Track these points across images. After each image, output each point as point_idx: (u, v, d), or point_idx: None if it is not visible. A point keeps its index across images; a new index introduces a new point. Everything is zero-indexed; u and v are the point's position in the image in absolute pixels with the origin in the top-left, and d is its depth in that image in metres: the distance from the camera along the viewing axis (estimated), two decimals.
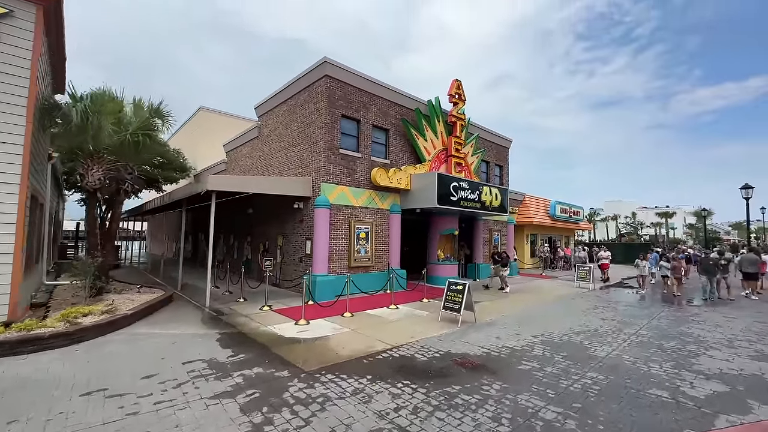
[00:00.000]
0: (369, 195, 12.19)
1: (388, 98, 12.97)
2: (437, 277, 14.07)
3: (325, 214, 10.76)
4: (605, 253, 16.70)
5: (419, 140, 13.52)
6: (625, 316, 9.21)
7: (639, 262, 14.18)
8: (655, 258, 15.74)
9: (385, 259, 12.60)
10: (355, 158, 11.85)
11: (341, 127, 11.60)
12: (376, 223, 12.33)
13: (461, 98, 14.80)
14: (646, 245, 30.69)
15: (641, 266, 13.97)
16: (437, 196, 11.93)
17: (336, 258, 11.14)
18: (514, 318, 8.83)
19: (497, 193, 14.70)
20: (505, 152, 19.42)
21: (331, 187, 11.14)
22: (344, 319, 8.27)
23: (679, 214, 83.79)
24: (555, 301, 11.30)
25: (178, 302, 9.93)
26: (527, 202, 22.73)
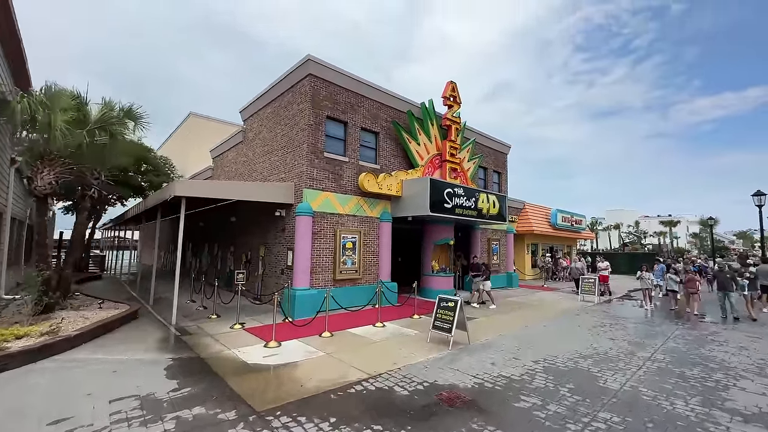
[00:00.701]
0: (357, 202, 11.37)
1: (378, 100, 12.25)
2: (431, 289, 13.18)
3: (308, 222, 9.92)
4: (603, 264, 15.53)
5: (411, 144, 12.76)
6: (637, 336, 8.28)
7: (642, 274, 12.44)
8: (662, 270, 14.79)
9: (374, 270, 11.71)
10: (341, 163, 11.07)
11: (326, 130, 10.85)
12: (364, 232, 11.49)
13: (456, 101, 14.10)
14: (650, 255, 29.75)
15: (645, 279, 12.33)
16: (430, 203, 11.11)
17: (319, 270, 10.27)
18: (513, 338, 7.91)
19: (495, 201, 13.87)
20: (503, 158, 18.66)
21: (314, 194, 10.33)
22: (322, 340, 7.37)
23: (682, 223, 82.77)
24: (558, 317, 10.37)
25: (144, 319, 9.04)
26: (527, 211, 21.90)
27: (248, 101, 13.71)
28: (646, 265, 14.69)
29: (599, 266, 15.56)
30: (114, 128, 8.10)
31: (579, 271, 15.34)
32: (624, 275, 27.37)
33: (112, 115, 8.17)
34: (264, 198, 10.02)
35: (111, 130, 8.05)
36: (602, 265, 15.51)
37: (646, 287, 12.23)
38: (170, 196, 8.41)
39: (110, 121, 8.04)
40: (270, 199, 10.12)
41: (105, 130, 7.97)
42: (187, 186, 8.48)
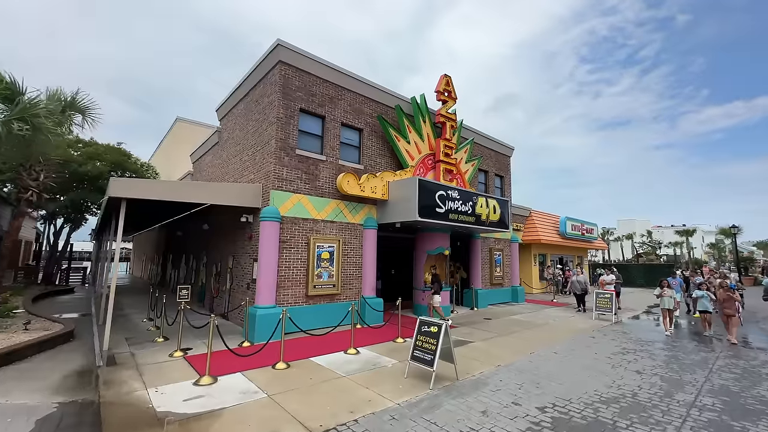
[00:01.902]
0: (336, 206, 10.00)
1: (362, 93, 10.98)
2: (425, 306, 11.63)
3: (274, 228, 8.55)
4: (608, 277, 13.57)
5: (400, 143, 11.41)
6: (670, 368, 6.65)
7: (663, 291, 10.07)
8: (680, 283, 13.01)
9: (356, 285, 10.25)
10: (317, 162, 9.75)
11: (300, 124, 9.57)
12: (344, 240, 10.07)
13: (451, 96, 12.79)
14: (668, 266, 27.73)
15: (665, 298, 9.94)
16: (419, 208, 9.68)
17: (288, 285, 8.84)
18: (514, 371, 6.34)
19: (495, 206, 12.38)
20: (506, 161, 17.20)
21: (283, 196, 8.99)
22: (272, 374, 5.90)
23: (697, 233, 79.57)
24: (569, 340, 8.74)
25: (76, 343, 7.68)
26: (534, 219, 20.29)
27: (223, 99, 12.57)
28: (668, 280, 12.99)
29: (603, 279, 13.66)
30: (38, 120, 6.87)
31: (581, 285, 13.52)
32: (641, 288, 25.43)
33: (36, 104, 6.96)
34: (225, 201, 8.70)
35: (34, 121, 6.82)
36: (607, 278, 13.62)
37: (668, 307, 9.93)
38: (107, 198, 7.14)
39: (33, 111, 6.82)
40: (232, 203, 8.79)
41: (25, 120, 6.74)
42: (124, 186, 7.19)
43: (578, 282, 13.63)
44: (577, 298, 13.70)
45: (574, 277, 13.85)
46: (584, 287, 13.46)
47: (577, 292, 13.55)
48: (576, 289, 13.59)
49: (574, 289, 13.71)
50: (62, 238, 19.05)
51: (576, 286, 13.65)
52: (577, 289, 13.58)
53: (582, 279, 13.64)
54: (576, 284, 13.67)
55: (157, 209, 10.55)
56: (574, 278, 13.81)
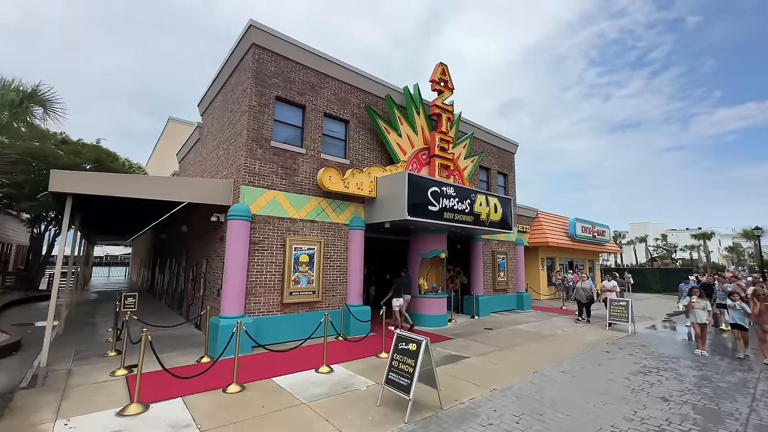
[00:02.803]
0: (317, 204, 9.06)
1: (348, 81, 10.08)
2: (420, 315, 10.60)
3: (243, 228, 7.63)
4: (609, 283, 12.26)
5: (391, 135, 10.45)
6: (703, 393, 5.50)
7: (692, 301, 8.30)
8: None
9: (340, 291, 9.26)
10: (296, 155, 8.84)
11: (276, 114, 8.69)
12: (327, 242, 9.12)
13: (448, 86, 11.81)
14: (686, 270, 26.16)
15: (696, 311, 8.18)
16: (408, 205, 8.69)
17: (259, 291, 7.90)
18: (512, 396, 5.27)
19: (497, 204, 11.31)
20: (509, 158, 16.11)
21: (255, 192, 8.08)
22: (221, 399, 4.93)
23: (714, 237, 76.77)
24: (580, 356, 7.61)
25: (17, 357, 6.83)
26: (541, 220, 19.11)
27: (203, 92, 11.80)
28: (681, 287, 11.69)
29: (604, 286, 12.26)
30: None
31: (587, 292, 11.97)
32: (657, 294, 23.95)
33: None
34: (191, 198, 7.83)
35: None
36: (608, 284, 12.24)
37: (701, 321, 8.14)
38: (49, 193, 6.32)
39: None
40: (199, 200, 7.92)
41: None
42: (68, 179, 6.36)
43: (583, 289, 12.08)
44: (580, 306, 12.22)
45: (579, 283, 12.30)
46: (590, 294, 11.97)
47: (583, 300, 12.05)
48: (581, 297, 12.07)
49: (578, 296, 12.16)
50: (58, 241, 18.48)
51: (581, 293, 12.10)
52: (582, 296, 12.04)
53: (587, 285, 12.10)
54: (581, 291, 12.11)
55: (129, 209, 9.77)
56: (579, 284, 12.27)
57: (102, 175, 7.14)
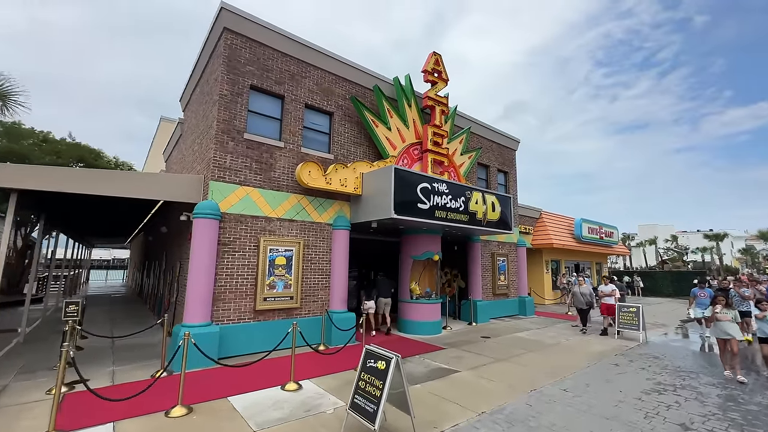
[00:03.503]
0: (297, 202, 8.36)
1: (332, 70, 9.40)
2: (411, 322, 9.85)
3: (210, 227, 6.95)
4: (607, 287, 10.72)
5: (379, 129, 9.74)
6: (731, 420, 4.67)
7: (714, 312, 6.75)
8: (710, 296, 9.60)
9: (322, 297, 8.54)
10: (273, 149, 8.16)
11: (250, 104, 8.03)
12: (307, 243, 8.41)
13: (441, 77, 11.08)
14: (699, 273, 24.99)
15: (724, 323, 6.57)
16: (394, 203, 7.95)
17: (229, 297, 7.20)
18: (504, 422, 4.48)
19: (494, 202, 10.52)
20: (510, 155, 15.29)
21: (225, 188, 7.40)
22: (159, 425, 4.23)
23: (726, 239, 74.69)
24: (585, 370, 6.78)
25: None
26: (545, 220, 18.22)
27: (183, 86, 11.21)
28: (694, 291, 10.49)
29: (601, 291, 10.84)
30: None
31: (585, 298, 10.69)
32: (669, 298, 22.86)
33: None
34: (155, 195, 7.19)
35: None
36: (606, 289, 10.74)
37: (727, 335, 6.52)
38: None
39: None
40: (165, 197, 7.27)
41: None
42: (11, 174, 5.74)
43: (581, 294, 10.79)
44: (580, 313, 10.98)
45: (576, 288, 11.00)
46: (589, 300, 10.69)
47: (582, 306, 10.75)
48: (579, 303, 10.80)
49: (576, 303, 10.94)
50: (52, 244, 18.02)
51: (579, 299, 10.81)
52: (581, 303, 10.74)
53: (586, 290, 10.79)
54: (579, 297, 10.81)
55: (100, 208, 9.19)
56: (577, 289, 10.96)
57: (50, 169, 6.52)
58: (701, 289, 10.31)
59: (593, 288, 11.91)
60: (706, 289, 10.29)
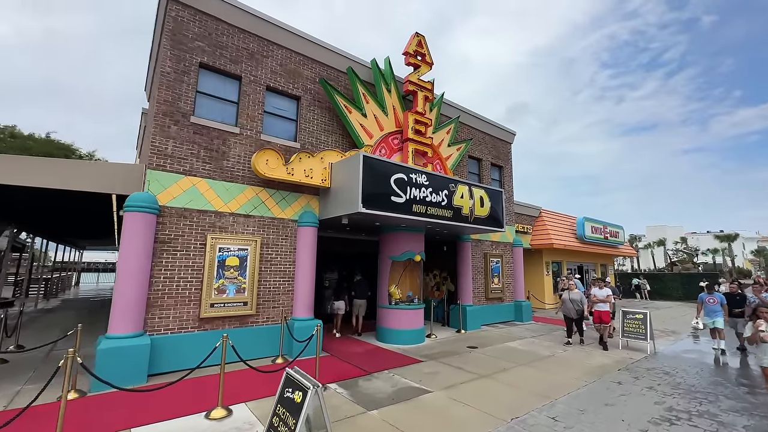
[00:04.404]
0: (254, 195, 7.42)
1: (299, 50, 8.48)
2: (389, 330, 8.85)
3: (144, 223, 6.02)
4: (601, 292, 9.11)
5: (352, 115, 8.78)
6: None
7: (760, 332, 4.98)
8: (722, 301, 8.60)
9: (284, 302, 7.57)
10: (226, 134, 7.24)
11: (200, 84, 7.12)
12: (267, 241, 7.46)
13: (425, 60, 10.10)
14: (712, 275, 23.64)
15: None
16: (362, 195, 6.97)
17: (168, 303, 6.25)
18: None
19: (483, 197, 9.50)
20: (505, 148, 14.25)
21: (166, 178, 6.49)
22: None
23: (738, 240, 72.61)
24: (581, 391, 5.72)
25: None
26: (544, 219, 17.12)
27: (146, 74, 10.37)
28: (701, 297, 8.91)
29: (594, 296, 9.16)
30: None
31: (576, 305, 9.03)
32: (679, 302, 21.57)
33: None
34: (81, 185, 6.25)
35: None
36: (600, 293, 9.10)
37: None
38: None
39: None
40: (93, 188, 6.34)
41: None
42: None
43: (571, 300, 9.10)
44: (568, 323, 9.31)
45: (566, 294, 9.31)
46: (580, 308, 9.04)
47: (571, 315, 9.08)
48: (568, 311, 9.12)
49: (565, 310, 9.26)
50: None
51: (568, 306, 9.14)
52: (570, 310, 9.06)
53: (576, 296, 9.10)
54: (568, 303, 9.14)
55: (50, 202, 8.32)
56: (566, 295, 9.29)
57: None
58: (710, 294, 8.87)
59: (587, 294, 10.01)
60: (716, 294, 8.84)
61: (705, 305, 8.81)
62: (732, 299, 8.68)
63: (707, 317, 8.69)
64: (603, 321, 8.79)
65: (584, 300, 9.04)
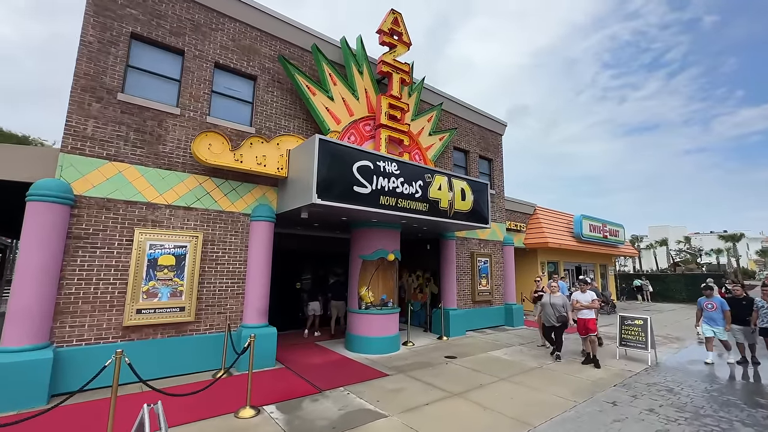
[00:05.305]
0: (198, 185, 6.51)
1: (256, 24, 7.58)
2: (359, 337, 7.95)
3: (52, 215, 5.11)
4: (585, 296, 7.50)
5: (317, 97, 7.87)
6: None
7: None
8: (721, 305, 7.48)
9: (233, 307, 6.65)
10: (163, 116, 6.33)
11: (132, 58, 6.23)
12: (212, 237, 6.55)
13: (402, 40, 9.18)
14: (716, 276, 22.63)
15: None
16: (317, 184, 6.05)
17: (84, 309, 5.34)
18: None
19: (465, 189, 8.57)
20: (495, 140, 13.31)
21: (85, 164, 5.58)
22: None
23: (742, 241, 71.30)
24: (569, 414, 4.77)
25: None
26: (539, 217, 16.15)
27: None
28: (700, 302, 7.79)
29: (576, 301, 7.53)
30: None
31: (557, 310, 7.48)
32: (682, 304, 20.57)
33: None
34: None
35: None
36: (584, 298, 7.47)
37: None
38: None
39: None
40: None
41: None
42: None
43: (552, 305, 7.54)
44: (546, 333, 7.91)
45: (546, 298, 7.75)
46: (562, 315, 7.45)
47: (551, 322, 7.54)
48: (548, 318, 7.59)
49: (544, 318, 7.71)
50: None
51: (548, 311, 7.57)
52: (551, 317, 7.52)
53: (559, 300, 7.53)
54: (549, 309, 7.55)
55: None
56: (546, 298, 7.72)
57: None
58: (708, 299, 7.66)
59: None
60: (715, 298, 7.60)
61: (704, 312, 7.70)
62: (737, 304, 7.63)
63: (705, 325, 7.59)
64: (589, 330, 7.22)
65: (568, 305, 7.62)
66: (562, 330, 7.60)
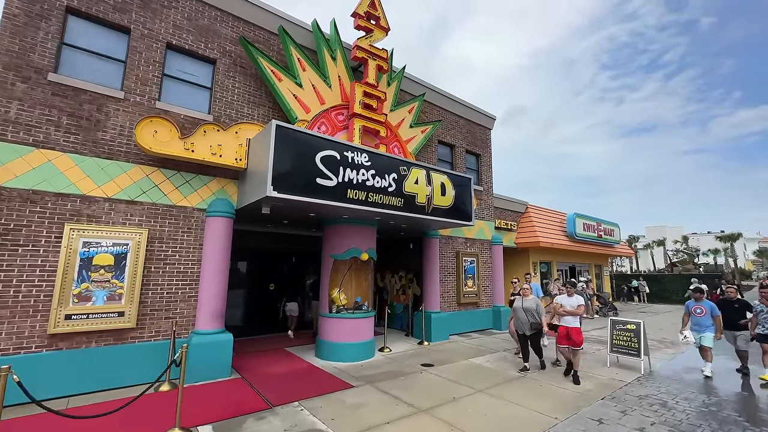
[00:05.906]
0: (144, 176, 5.89)
1: (216, 4, 6.97)
2: (329, 343, 7.34)
3: None
4: (570, 300, 6.47)
5: (282, 83, 7.25)
6: None
7: None
8: (711, 309, 6.73)
9: (184, 311, 6.03)
10: (102, 99, 5.71)
11: (68, 35, 5.62)
12: (159, 235, 5.93)
13: (380, 24, 8.58)
14: (714, 276, 22.12)
15: None
16: (274, 176, 5.44)
17: (1, 316, 4.73)
18: None
19: (445, 183, 7.98)
20: (484, 134, 12.72)
21: (6, 150, 4.95)
22: None
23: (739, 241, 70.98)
24: (550, 430, 4.19)
25: None
26: (531, 215, 15.56)
27: None
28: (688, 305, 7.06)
29: (559, 304, 6.55)
30: None
31: (530, 315, 6.63)
32: (679, 305, 19.97)
33: None
34: None
35: None
36: (568, 302, 6.46)
37: None
38: None
39: None
40: None
41: None
42: None
43: (525, 309, 6.68)
44: (522, 342, 6.91)
45: (518, 302, 6.88)
46: (536, 321, 6.62)
47: (524, 331, 6.71)
48: (520, 325, 6.74)
49: (516, 325, 6.93)
50: None
51: (520, 316, 6.71)
52: (523, 324, 6.66)
53: (531, 304, 6.68)
54: (521, 314, 6.69)
55: None
56: (517, 302, 6.89)
57: None
58: (697, 302, 6.92)
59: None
60: (704, 302, 6.87)
61: (691, 316, 6.95)
62: (729, 307, 6.96)
63: (693, 331, 6.80)
64: (573, 342, 6.19)
65: (541, 309, 6.79)
66: (538, 338, 6.79)
